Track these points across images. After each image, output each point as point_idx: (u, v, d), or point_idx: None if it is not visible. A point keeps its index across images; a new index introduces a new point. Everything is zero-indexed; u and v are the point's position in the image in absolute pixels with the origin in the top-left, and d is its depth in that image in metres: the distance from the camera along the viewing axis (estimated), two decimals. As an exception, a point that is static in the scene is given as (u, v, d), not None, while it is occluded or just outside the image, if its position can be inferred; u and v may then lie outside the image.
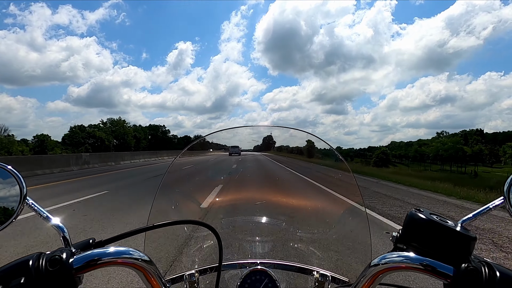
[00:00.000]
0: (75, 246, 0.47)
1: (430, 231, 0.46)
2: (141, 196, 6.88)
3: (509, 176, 0.47)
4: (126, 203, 6.01)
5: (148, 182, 9.45)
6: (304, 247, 0.89)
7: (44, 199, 6.21)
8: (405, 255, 0.46)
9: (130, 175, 12.53)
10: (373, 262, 0.49)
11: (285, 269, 0.74)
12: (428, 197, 7.95)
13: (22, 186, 0.47)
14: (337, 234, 0.87)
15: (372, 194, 7.76)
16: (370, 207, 5.80)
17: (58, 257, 0.41)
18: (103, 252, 0.46)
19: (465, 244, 0.45)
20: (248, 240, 0.89)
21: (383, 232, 3.95)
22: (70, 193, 6.98)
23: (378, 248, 3.12)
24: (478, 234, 3.83)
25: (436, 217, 0.48)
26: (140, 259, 0.48)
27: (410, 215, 0.49)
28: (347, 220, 0.91)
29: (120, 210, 5.26)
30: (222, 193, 1.06)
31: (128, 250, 0.48)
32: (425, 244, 0.46)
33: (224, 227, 0.94)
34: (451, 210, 6.10)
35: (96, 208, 5.42)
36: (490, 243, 3.62)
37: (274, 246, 0.88)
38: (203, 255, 0.84)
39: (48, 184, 8.99)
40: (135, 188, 8.58)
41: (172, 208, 0.89)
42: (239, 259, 0.75)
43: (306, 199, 1.11)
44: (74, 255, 0.44)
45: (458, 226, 0.47)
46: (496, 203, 0.48)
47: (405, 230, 0.50)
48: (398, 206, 6.26)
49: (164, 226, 0.56)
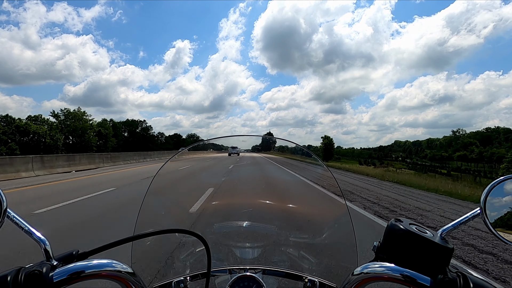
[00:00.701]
0: (57, 259, 0.47)
1: (408, 242, 0.47)
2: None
3: (487, 186, 0.48)
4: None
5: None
6: (294, 252, 0.89)
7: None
8: (386, 266, 0.48)
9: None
10: (356, 271, 0.50)
11: (274, 274, 0.75)
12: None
13: (2, 199, 0.46)
14: (326, 239, 0.88)
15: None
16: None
17: (38, 272, 0.41)
18: (84, 265, 0.46)
19: (443, 255, 0.46)
20: (238, 245, 0.89)
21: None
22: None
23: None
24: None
25: (416, 227, 0.49)
26: (123, 271, 0.48)
27: (390, 225, 0.50)
28: (334, 225, 0.91)
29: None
30: (213, 198, 1.06)
31: (111, 263, 0.48)
32: (404, 254, 0.47)
33: (215, 232, 0.94)
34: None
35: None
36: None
37: (264, 251, 0.89)
38: (192, 261, 0.84)
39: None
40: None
41: (160, 214, 0.89)
42: (229, 265, 0.76)
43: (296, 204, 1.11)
44: (55, 268, 0.44)
45: (437, 236, 0.48)
46: (474, 214, 0.49)
47: (385, 240, 0.51)
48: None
49: (150, 235, 0.56)
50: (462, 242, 3.72)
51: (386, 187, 9.56)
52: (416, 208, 5.89)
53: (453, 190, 8.81)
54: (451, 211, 5.71)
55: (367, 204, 6.09)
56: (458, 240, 3.81)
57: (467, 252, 3.39)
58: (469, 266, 3.03)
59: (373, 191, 8.27)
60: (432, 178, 16.93)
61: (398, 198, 7.07)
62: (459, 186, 10.64)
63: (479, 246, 3.58)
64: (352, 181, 11.12)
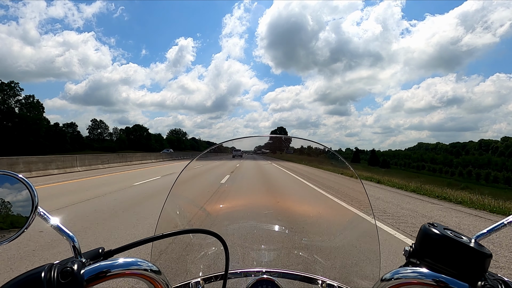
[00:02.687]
0: (85, 256, 0.47)
1: (444, 247, 0.46)
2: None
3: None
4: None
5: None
6: (309, 255, 0.88)
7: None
8: (419, 271, 0.46)
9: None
10: (385, 277, 0.48)
11: (291, 278, 0.74)
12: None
13: (34, 195, 0.47)
14: (343, 243, 0.87)
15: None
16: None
17: (70, 269, 0.41)
18: (112, 264, 0.46)
19: (481, 261, 0.44)
20: (253, 248, 0.89)
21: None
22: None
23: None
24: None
25: (451, 232, 0.48)
26: (149, 269, 0.48)
27: (423, 229, 0.49)
28: (353, 229, 0.90)
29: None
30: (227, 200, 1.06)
31: (136, 261, 0.48)
32: (438, 260, 0.46)
33: (229, 234, 0.93)
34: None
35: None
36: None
37: (279, 254, 0.88)
38: (208, 262, 0.84)
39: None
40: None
41: (181, 215, 0.89)
42: (244, 268, 0.75)
43: (311, 206, 1.10)
44: (85, 266, 0.44)
45: (472, 242, 0.46)
46: (510, 220, 0.47)
47: (418, 244, 0.49)
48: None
49: (172, 235, 0.56)
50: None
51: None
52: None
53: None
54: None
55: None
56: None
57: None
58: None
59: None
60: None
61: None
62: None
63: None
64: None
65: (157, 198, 6.41)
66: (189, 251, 0.88)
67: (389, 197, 7.93)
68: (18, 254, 3.01)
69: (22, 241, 3.30)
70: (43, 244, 3.30)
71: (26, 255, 2.98)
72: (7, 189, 0.47)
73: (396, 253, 3.20)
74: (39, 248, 3.19)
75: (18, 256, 2.96)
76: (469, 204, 7.07)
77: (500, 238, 4.04)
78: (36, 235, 3.52)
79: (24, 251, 3.10)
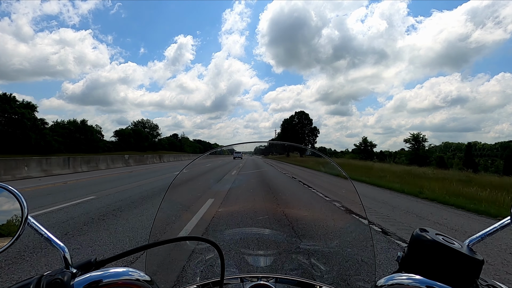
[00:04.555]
0: (76, 267, 0.47)
1: (435, 253, 0.45)
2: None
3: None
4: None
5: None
6: (306, 260, 0.88)
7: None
8: (413, 278, 0.46)
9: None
10: (379, 283, 0.48)
11: (288, 283, 0.73)
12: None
13: (24, 206, 0.46)
14: (339, 247, 0.86)
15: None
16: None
17: (59, 280, 0.41)
18: (103, 274, 0.45)
19: (473, 267, 0.44)
20: (249, 253, 0.88)
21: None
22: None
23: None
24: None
25: (442, 237, 0.47)
26: (141, 279, 0.48)
27: (415, 235, 0.48)
28: (349, 232, 0.90)
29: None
30: (223, 205, 1.05)
31: (128, 271, 0.48)
32: (430, 266, 0.45)
33: (226, 239, 0.93)
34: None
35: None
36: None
37: (276, 259, 0.87)
38: (204, 268, 0.83)
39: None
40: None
41: (174, 222, 0.88)
42: (241, 273, 0.75)
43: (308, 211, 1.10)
44: (75, 277, 0.44)
45: (464, 247, 0.46)
46: (503, 224, 0.47)
47: (409, 250, 0.49)
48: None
49: (166, 243, 0.55)
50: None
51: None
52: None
53: None
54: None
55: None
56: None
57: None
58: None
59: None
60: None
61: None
62: None
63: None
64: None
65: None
66: (185, 258, 0.88)
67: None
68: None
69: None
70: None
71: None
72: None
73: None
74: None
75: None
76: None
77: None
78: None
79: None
